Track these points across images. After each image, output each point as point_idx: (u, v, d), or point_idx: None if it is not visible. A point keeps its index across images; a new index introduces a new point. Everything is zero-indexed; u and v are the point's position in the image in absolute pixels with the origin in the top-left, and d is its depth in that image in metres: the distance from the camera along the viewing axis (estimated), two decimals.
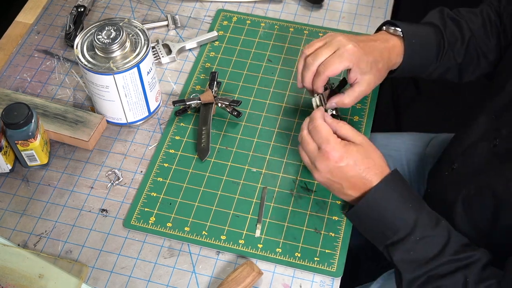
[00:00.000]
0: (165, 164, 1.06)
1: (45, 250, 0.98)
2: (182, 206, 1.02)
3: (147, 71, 1.04)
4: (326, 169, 0.91)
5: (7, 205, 1.02)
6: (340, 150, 0.90)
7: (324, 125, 0.92)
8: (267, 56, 1.21)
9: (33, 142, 1.01)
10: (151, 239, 0.99)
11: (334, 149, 0.90)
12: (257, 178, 1.05)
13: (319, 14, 1.29)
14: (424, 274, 0.86)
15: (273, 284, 0.95)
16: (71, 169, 1.07)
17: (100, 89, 1.04)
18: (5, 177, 1.06)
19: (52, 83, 1.18)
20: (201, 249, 0.98)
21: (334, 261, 0.96)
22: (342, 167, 0.90)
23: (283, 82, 1.17)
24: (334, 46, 0.98)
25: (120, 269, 0.96)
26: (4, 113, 0.99)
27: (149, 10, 1.30)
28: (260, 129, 1.11)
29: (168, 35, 1.25)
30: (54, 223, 1.01)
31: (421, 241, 0.87)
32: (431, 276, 0.86)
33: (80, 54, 1.02)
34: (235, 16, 1.27)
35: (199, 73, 1.18)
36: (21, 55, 1.22)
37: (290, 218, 1.00)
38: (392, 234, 0.88)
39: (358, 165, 0.90)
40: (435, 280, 0.86)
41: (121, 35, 1.01)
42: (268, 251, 0.97)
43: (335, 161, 0.90)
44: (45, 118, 1.09)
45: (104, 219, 1.01)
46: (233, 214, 1.01)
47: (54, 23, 1.27)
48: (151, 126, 1.12)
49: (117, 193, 1.04)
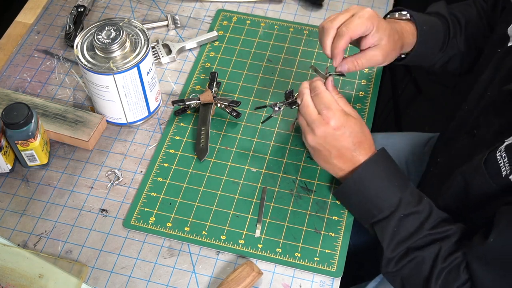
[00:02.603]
0: (165, 164, 1.06)
1: (45, 250, 0.98)
2: (182, 206, 1.02)
3: (147, 71, 1.04)
4: (322, 134, 0.93)
5: (7, 205, 1.02)
6: (340, 118, 0.92)
7: (327, 93, 0.94)
8: (267, 56, 1.21)
9: (33, 142, 1.01)
10: (151, 239, 0.99)
11: (335, 116, 0.92)
12: (257, 178, 1.05)
13: (319, 14, 1.29)
14: (404, 249, 0.90)
15: (273, 284, 0.95)
16: (71, 169, 1.07)
17: (100, 89, 1.04)
18: (5, 177, 1.06)
19: (52, 83, 1.18)
20: (201, 249, 0.98)
21: (334, 261, 0.96)
22: (338, 135, 0.92)
23: (283, 82, 1.17)
24: (352, 11, 0.96)
25: (120, 269, 0.96)
26: (4, 113, 0.99)
27: (149, 10, 1.30)
28: (260, 129, 1.11)
29: (168, 35, 1.25)
30: (54, 223, 1.01)
31: (405, 218, 0.90)
32: (410, 249, 0.90)
33: (80, 54, 1.02)
34: (235, 16, 1.27)
35: (199, 73, 1.18)
36: (21, 55, 1.22)
37: (290, 218, 1.00)
38: (378, 212, 0.92)
39: (352, 137, 0.93)
40: (412, 252, 0.89)
41: (121, 35, 1.01)
42: (268, 251, 0.97)
43: (333, 127, 0.92)
44: (45, 118, 1.09)
45: (104, 219, 1.01)
46: (233, 214, 1.01)
47: (54, 23, 1.27)
48: (151, 126, 1.12)
49: (117, 193, 1.04)
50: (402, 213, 0.90)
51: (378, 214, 0.92)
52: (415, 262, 0.89)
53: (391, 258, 0.90)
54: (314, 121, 0.93)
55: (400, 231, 0.90)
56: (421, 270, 0.88)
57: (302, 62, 1.20)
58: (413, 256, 0.89)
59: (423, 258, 0.88)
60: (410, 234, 0.90)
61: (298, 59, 1.20)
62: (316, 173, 1.05)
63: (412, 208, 0.91)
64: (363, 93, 1.16)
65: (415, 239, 0.89)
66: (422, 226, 0.90)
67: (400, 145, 1.30)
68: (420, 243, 0.89)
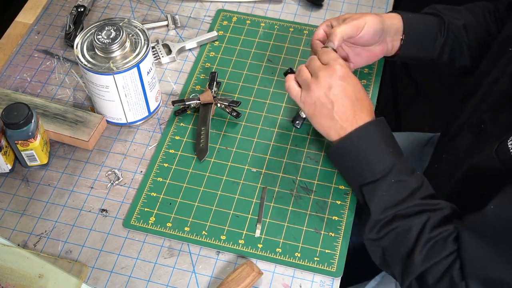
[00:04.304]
0: (165, 164, 1.06)
1: (45, 250, 0.98)
2: (182, 206, 1.02)
3: (147, 71, 1.04)
4: (327, 83, 0.93)
5: (7, 205, 1.02)
6: (346, 70, 0.94)
7: (333, 51, 0.97)
8: (267, 56, 1.21)
9: (33, 142, 1.01)
10: (151, 239, 0.99)
11: (342, 66, 0.94)
12: (257, 178, 1.05)
13: (319, 14, 1.29)
14: (391, 214, 0.90)
15: (273, 284, 0.95)
16: (71, 169, 1.07)
17: (100, 89, 1.04)
18: (5, 177, 1.06)
19: (52, 83, 1.18)
20: (201, 249, 0.98)
21: (334, 261, 0.96)
22: (342, 85, 0.93)
23: (283, 82, 1.16)
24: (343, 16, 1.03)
25: (120, 269, 0.96)
26: (4, 113, 0.99)
27: (149, 10, 1.30)
28: (260, 129, 1.11)
29: (168, 35, 1.25)
30: (54, 223, 1.01)
31: (395, 184, 0.91)
32: (397, 216, 0.89)
33: (80, 54, 1.02)
34: (235, 16, 1.27)
35: (199, 73, 1.18)
36: (21, 55, 1.22)
37: (290, 218, 1.00)
38: (370, 175, 0.92)
39: (356, 92, 0.94)
40: (399, 219, 0.89)
41: (121, 35, 1.01)
42: (268, 251, 0.97)
43: (339, 76, 0.93)
44: (45, 118, 1.09)
45: (104, 219, 1.01)
46: (233, 214, 1.01)
47: (54, 23, 1.27)
48: (151, 126, 1.12)
49: (117, 193, 1.04)
50: (392, 178, 0.91)
51: (370, 177, 0.92)
52: (400, 231, 0.88)
53: (378, 221, 0.90)
54: (320, 69, 0.94)
55: (389, 195, 0.90)
56: (406, 239, 0.88)
57: (302, 62, 1.20)
58: (398, 224, 0.89)
59: (409, 227, 0.88)
60: (399, 200, 0.90)
61: (298, 59, 1.20)
62: (316, 173, 1.05)
63: (403, 176, 0.91)
64: None
65: (404, 207, 0.89)
66: (412, 195, 0.90)
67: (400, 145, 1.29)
68: (409, 211, 0.89)
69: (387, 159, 0.92)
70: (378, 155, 0.93)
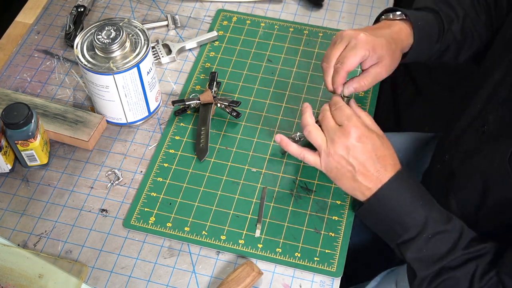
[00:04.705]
0: (165, 164, 1.06)
1: (45, 250, 0.98)
2: (182, 206, 1.02)
3: (147, 71, 1.04)
4: (343, 146, 0.90)
5: (7, 205, 1.02)
6: (361, 129, 0.90)
7: (348, 107, 0.93)
8: (267, 56, 1.21)
9: (33, 142, 1.01)
10: (151, 239, 0.99)
11: (356, 126, 0.90)
12: (257, 178, 1.05)
13: (319, 14, 1.29)
14: (437, 269, 0.87)
15: (273, 284, 0.95)
16: (71, 169, 1.07)
17: (100, 89, 1.04)
18: (5, 177, 1.06)
19: (52, 83, 1.18)
20: (201, 249, 0.98)
21: (334, 261, 0.96)
22: (359, 146, 0.90)
23: (283, 82, 1.17)
24: (345, 41, 0.97)
25: (120, 269, 0.96)
26: (4, 113, 0.99)
27: (149, 10, 1.30)
28: (260, 129, 1.11)
29: (168, 35, 1.25)
30: (54, 223, 1.01)
31: (433, 238, 0.87)
32: (443, 268, 0.87)
33: (80, 54, 1.02)
34: (235, 16, 1.27)
35: (199, 73, 1.18)
36: (21, 55, 1.22)
37: (290, 218, 1.00)
38: (403, 232, 0.89)
39: (375, 150, 0.90)
40: (446, 271, 0.86)
41: (121, 35, 1.01)
42: (268, 251, 0.97)
43: (355, 138, 0.90)
44: (45, 118, 1.09)
45: (104, 219, 1.01)
46: (233, 214, 1.01)
47: (54, 23, 1.27)
48: (151, 126, 1.12)
49: (117, 193, 1.04)
50: (429, 233, 0.87)
51: (404, 234, 0.89)
52: (449, 283, 0.86)
53: (424, 278, 0.87)
54: (335, 133, 0.91)
55: (430, 251, 0.87)
56: None
57: (302, 62, 1.20)
58: (446, 277, 0.86)
59: (458, 279, 0.85)
60: (442, 254, 0.86)
61: (298, 59, 1.20)
62: (316, 173, 1.05)
63: (440, 227, 0.88)
64: (363, 93, 1.16)
65: (449, 260, 0.86)
66: (455, 246, 0.86)
67: (400, 145, 1.30)
68: (455, 263, 0.86)
69: (418, 215, 0.88)
70: (408, 211, 0.89)
